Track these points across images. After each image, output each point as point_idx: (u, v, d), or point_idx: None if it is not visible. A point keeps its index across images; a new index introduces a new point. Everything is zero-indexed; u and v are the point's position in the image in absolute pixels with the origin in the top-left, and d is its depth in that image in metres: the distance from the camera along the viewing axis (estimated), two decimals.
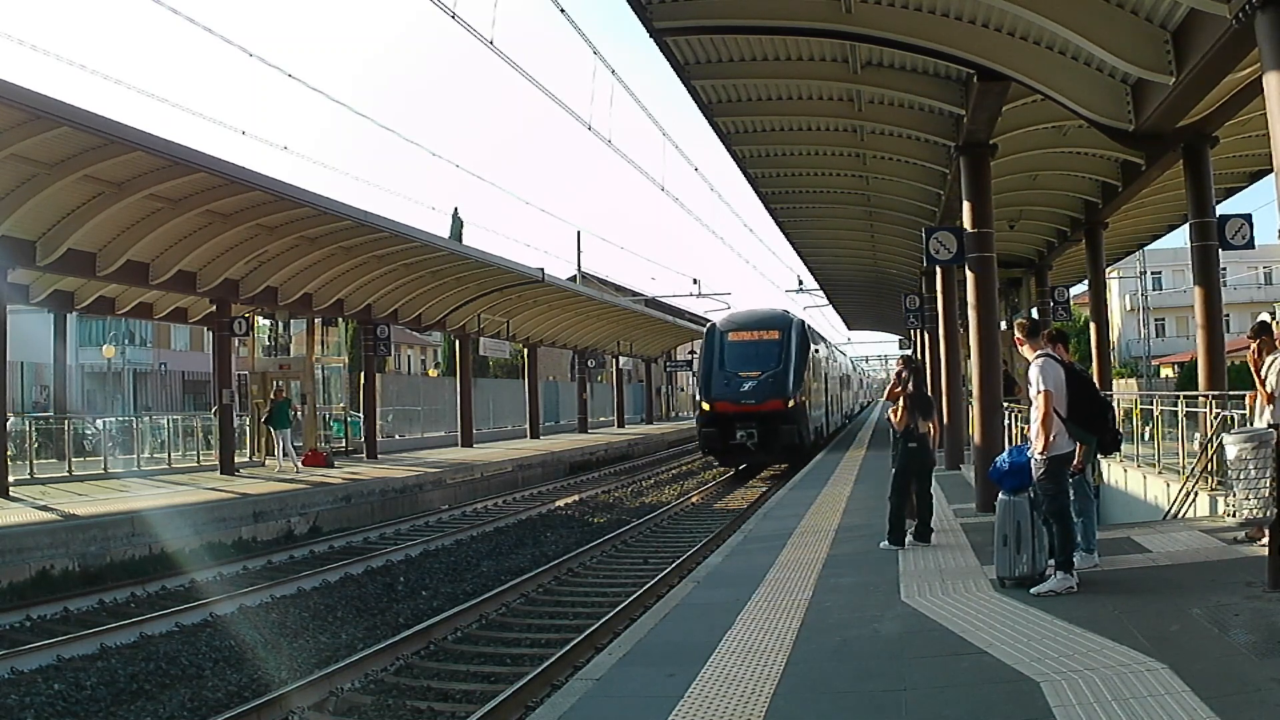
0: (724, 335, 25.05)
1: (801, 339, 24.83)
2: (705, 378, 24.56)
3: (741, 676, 5.50)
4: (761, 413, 22.98)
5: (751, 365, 23.86)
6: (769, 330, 24.91)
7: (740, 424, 23.02)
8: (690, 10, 10.63)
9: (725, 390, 23.62)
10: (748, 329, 25.26)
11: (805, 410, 24.12)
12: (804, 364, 24.44)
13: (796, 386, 23.58)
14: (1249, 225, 13.03)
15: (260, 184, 16.00)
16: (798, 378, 23.79)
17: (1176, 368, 45.62)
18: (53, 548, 12.25)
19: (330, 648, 9.16)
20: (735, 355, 24.38)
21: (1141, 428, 13.34)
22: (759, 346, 24.45)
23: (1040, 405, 6.82)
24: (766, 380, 23.49)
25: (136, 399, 38.95)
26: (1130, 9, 8.79)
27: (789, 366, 23.79)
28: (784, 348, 24.20)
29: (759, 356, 24.09)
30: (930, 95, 12.49)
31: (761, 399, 23.13)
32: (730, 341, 24.77)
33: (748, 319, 26.23)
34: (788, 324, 25.26)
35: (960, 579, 7.76)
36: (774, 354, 24.10)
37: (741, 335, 25.02)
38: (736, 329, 25.37)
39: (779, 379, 23.53)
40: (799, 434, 23.41)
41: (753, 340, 24.69)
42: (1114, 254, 26.52)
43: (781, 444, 23.21)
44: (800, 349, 24.42)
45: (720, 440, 23.68)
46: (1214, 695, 4.42)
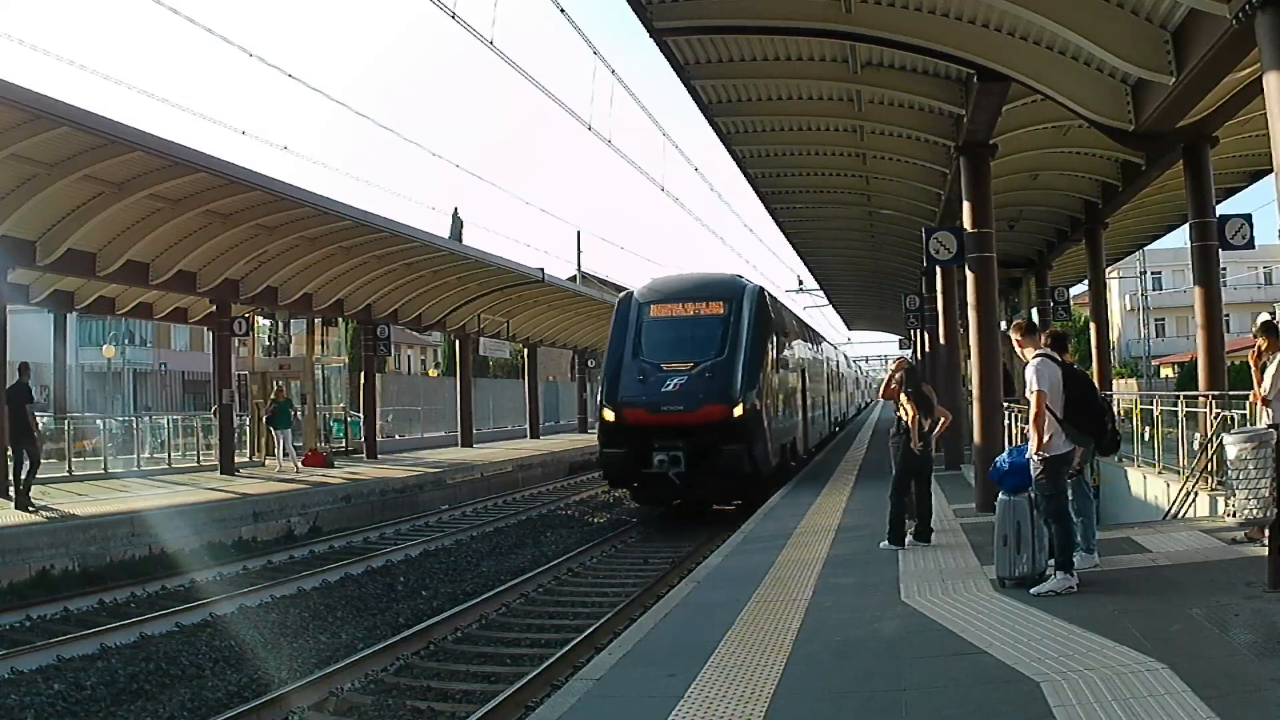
0: (642, 309, 17.07)
1: (760, 316, 16.86)
2: (611, 371, 16.62)
3: (741, 677, 5.50)
4: (693, 425, 15.34)
5: (681, 353, 16.19)
6: (708, 302, 16.95)
7: (660, 442, 15.33)
8: (690, 10, 10.63)
9: (639, 391, 15.86)
10: (677, 299, 17.22)
11: (764, 421, 16.29)
12: (762, 352, 16.63)
13: (750, 385, 15.88)
14: (1249, 225, 13.03)
15: (260, 184, 16.00)
16: (751, 372, 16.03)
17: (1176, 368, 45.63)
18: (53, 548, 12.25)
19: (330, 648, 9.16)
20: (657, 339, 16.64)
21: (1141, 428, 13.34)
22: (693, 326, 16.68)
23: (1033, 405, 6.85)
24: (702, 376, 15.81)
25: (136, 399, 38.98)
26: (1130, 9, 8.79)
27: (738, 355, 16.01)
28: (731, 327, 16.33)
29: (693, 341, 16.40)
30: (930, 95, 12.50)
31: (693, 404, 15.49)
32: (651, 319, 16.88)
33: (677, 285, 17.94)
34: (737, 292, 17.05)
35: (960, 579, 7.76)
36: (715, 336, 16.30)
37: (668, 309, 17.07)
38: (661, 300, 17.28)
39: (722, 374, 15.81)
40: (752, 457, 15.67)
41: (684, 317, 16.84)
42: (1114, 254, 26.53)
43: (724, 473, 15.62)
44: (757, 330, 16.58)
45: (628, 466, 15.89)
46: (1214, 695, 4.42)
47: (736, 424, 15.52)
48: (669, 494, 16.45)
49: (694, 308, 16.93)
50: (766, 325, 17.17)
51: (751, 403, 15.78)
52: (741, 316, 16.53)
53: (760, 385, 16.20)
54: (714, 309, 16.76)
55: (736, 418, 15.51)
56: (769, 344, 17.19)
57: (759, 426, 16.02)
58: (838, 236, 25.61)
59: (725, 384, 15.73)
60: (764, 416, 16.28)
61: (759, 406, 16.05)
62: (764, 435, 16.24)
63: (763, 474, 16.14)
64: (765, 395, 16.53)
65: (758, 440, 15.94)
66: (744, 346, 16.16)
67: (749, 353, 16.17)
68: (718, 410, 15.49)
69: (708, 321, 16.63)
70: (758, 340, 16.53)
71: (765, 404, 16.49)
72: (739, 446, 15.48)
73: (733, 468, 15.50)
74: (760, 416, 16.06)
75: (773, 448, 16.84)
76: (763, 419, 16.23)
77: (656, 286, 17.90)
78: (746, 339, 16.26)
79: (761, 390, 16.26)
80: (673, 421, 15.39)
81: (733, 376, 15.79)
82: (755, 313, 16.71)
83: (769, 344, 17.19)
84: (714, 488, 16.35)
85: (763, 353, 16.67)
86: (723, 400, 15.56)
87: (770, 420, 16.84)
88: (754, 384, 16.00)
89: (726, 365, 15.93)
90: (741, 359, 16.01)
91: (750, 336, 16.33)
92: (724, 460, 15.34)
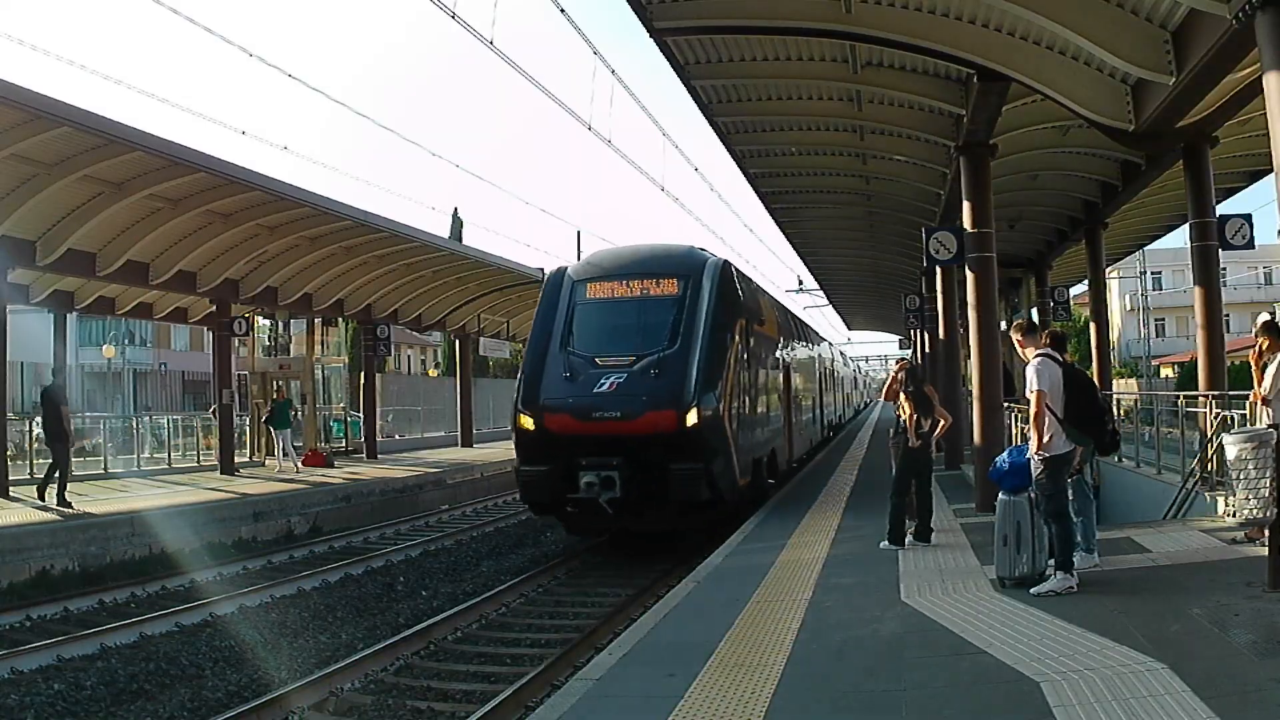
0: (576, 289, 13.69)
1: (724, 298, 13.38)
2: (532, 367, 13.17)
3: (742, 676, 5.50)
4: (633, 437, 12.13)
5: (621, 345, 12.93)
6: (658, 279, 13.47)
7: (590, 458, 12.07)
8: (690, 10, 10.64)
9: (566, 392, 12.58)
10: (618, 276, 13.73)
11: (728, 431, 12.82)
12: (727, 343, 13.20)
13: (709, 385, 12.51)
14: (1249, 225, 13.04)
15: (260, 184, 16.01)
16: (711, 368, 12.63)
17: (1176, 368, 45.64)
18: (53, 548, 12.25)
19: (330, 648, 9.16)
20: (592, 326, 13.34)
21: (1142, 428, 13.35)
22: (639, 310, 13.29)
23: (1033, 404, 6.86)
24: (647, 373, 12.44)
25: (136, 399, 39.00)
26: (1130, 9, 8.79)
27: (694, 347, 12.63)
28: (686, 312, 12.96)
29: (637, 329, 13.08)
30: (930, 95, 12.50)
31: (634, 409, 12.21)
32: (586, 302, 13.53)
33: (620, 259, 14.43)
34: (695, 268, 13.53)
35: (960, 579, 7.76)
36: (665, 323, 12.93)
37: (607, 289, 13.63)
38: (599, 276, 13.86)
39: (672, 370, 12.44)
40: (710, 478, 12.23)
41: (627, 299, 13.41)
42: (1114, 254, 26.53)
43: (674, 499, 12.16)
44: (721, 315, 13.14)
45: (551, 488, 12.39)
46: (1214, 695, 4.42)
47: (690, 435, 12.08)
48: (604, 523, 12.87)
49: (640, 287, 13.39)
50: (734, 310, 13.63)
51: (711, 407, 12.34)
52: (701, 298, 13.01)
53: (724, 385, 12.75)
54: (665, 288, 13.26)
55: (690, 427, 12.06)
56: (737, 333, 13.60)
57: (720, 438, 12.51)
58: (838, 236, 25.61)
59: (676, 383, 12.27)
60: (728, 425, 12.76)
61: (721, 412, 12.56)
62: (728, 449, 12.62)
63: (725, 499, 12.54)
64: (731, 398, 12.97)
65: (718, 456, 12.38)
66: (702, 336, 12.65)
67: (709, 344, 12.65)
68: (665, 417, 12.10)
69: (657, 304, 13.15)
70: (721, 328, 13.03)
71: (731, 409, 12.93)
72: (693, 465, 12.01)
73: (685, 492, 12.02)
74: (722, 425, 12.57)
75: (740, 464, 13.01)
76: (726, 428, 12.67)
77: (595, 261, 14.50)
78: (706, 326, 12.73)
79: (725, 391, 12.76)
80: (607, 431, 12.14)
81: (686, 374, 12.34)
82: (718, 294, 13.16)
83: (737, 333, 13.60)
84: (661, 518, 12.59)
85: (727, 344, 13.14)
86: (672, 404, 12.13)
87: (737, 429, 13.18)
88: (715, 383, 12.55)
89: (679, 360, 12.46)
90: (699, 352, 12.52)
91: (711, 323, 12.81)
92: (674, 482, 11.93)
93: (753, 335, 14.85)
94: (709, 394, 12.43)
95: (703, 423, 12.21)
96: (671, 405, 12.17)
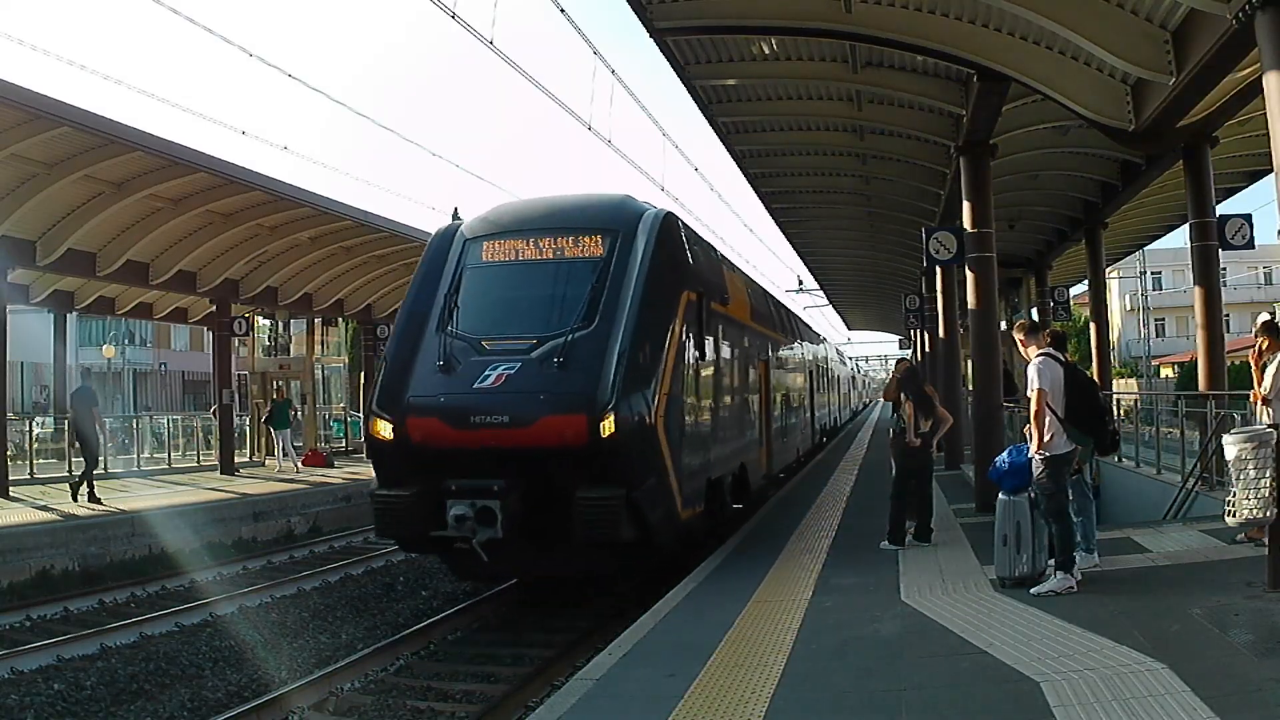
0: (468, 250, 10.26)
1: (667, 262, 9.97)
2: (397, 354, 9.83)
3: (741, 676, 5.50)
4: (527, 452, 8.91)
5: (519, 324, 9.64)
6: (577, 236, 10.06)
7: (464, 480, 8.90)
8: (690, 10, 10.64)
9: (437, 387, 9.33)
10: (524, 233, 10.20)
11: (664, 444, 9.23)
12: (668, 321, 9.69)
13: (640, 380, 9.12)
14: (1249, 225, 13.05)
15: (260, 184, 16.02)
16: (642, 357, 9.24)
17: (1176, 368, 45.63)
18: (53, 548, 12.25)
19: (330, 648, 9.16)
20: (484, 299, 9.99)
21: (1142, 428, 13.36)
22: (548, 279, 9.91)
23: (1034, 402, 6.88)
24: (548, 363, 9.12)
25: (136, 399, 39.02)
26: (1130, 9, 8.80)
27: (617, 327, 9.28)
28: (612, 280, 9.60)
29: (544, 303, 9.74)
30: (930, 95, 12.51)
31: (527, 412, 8.93)
32: (480, 267, 10.11)
33: (528, 212, 10.80)
34: (628, 222, 10.07)
35: (960, 579, 7.76)
36: (581, 295, 9.56)
37: (508, 249, 10.18)
38: (498, 233, 10.33)
39: (585, 358, 9.14)
40: (637, 511, 8.81)
41: (534, 263, 10.03)
42: (1114, 254, 26.55)
43: (586, 538, 8.71)
44: (660, 284, 9.72)
45: (416, 519, 9.11)
46: (1214, 695, 4.42)
47: (606, 449, 8.59)
48: (479, 568, 9.56)
49: (552, 247, 9.82)
50: (680, 279, 10.01)
51: (638, 410, 8.78)
52: (633, 262, 9.48)
53: (660, 380, 9.10)
54: (586, 248, 9.74)
55: (606, 438, 8.55)
56: (684, 311, 9.85)
57: (651, 453, 8.91)
58: (838, 236, 25.62)
59: (588, 376, 8.79)
60: (663, 435, 9.02)
61: (654, 417, 8.90)
62: (662, 468, 8.99)
63: (659, 538, 9.03)
64: (671, 397, 9.27)
65: (647, 477, 8.82)
66: (631, 312, 9.14)
67: (641, 323, 9.11)
68: (571, 424, 8.64)
69: (573, 269, 9.65)
70: (660, 303, 9.47)
71: (670, 413, 9.22)
72: (608, 492, 8.48)
73: (595, 530, 8.46)
74: (654, 436, 8.91)
75: (684, 488, 9.45)
76: (660, 440, 8.97)
77: (497, 214, 10.56)
78: (637, 299, 9.22)
79: (662, 388, 9.11)
80: (489, 443, 8.72)
81: (604, 363, 8.84)
82: (657, 256, 9.56)
83: (684, 311, 9.85)
84: (563, 564, 9.35)
85: (668, 324, 9.48)
86: (581, 405, 8.64)
87: (680, 441, 9.51)
88: (647, 378, 8.99)
89: (595, 344, 8.99)
90: (624, 333, 9.00)
91: (645, 295, 9.27)
92: (579, 516, 8.41)
93: (712, 317, 11.03)
94: (636, 392, 8.84)
95: (625, 431, 8.61)
96: (580, 407, 8.63)
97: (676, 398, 9.54)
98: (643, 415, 8.92)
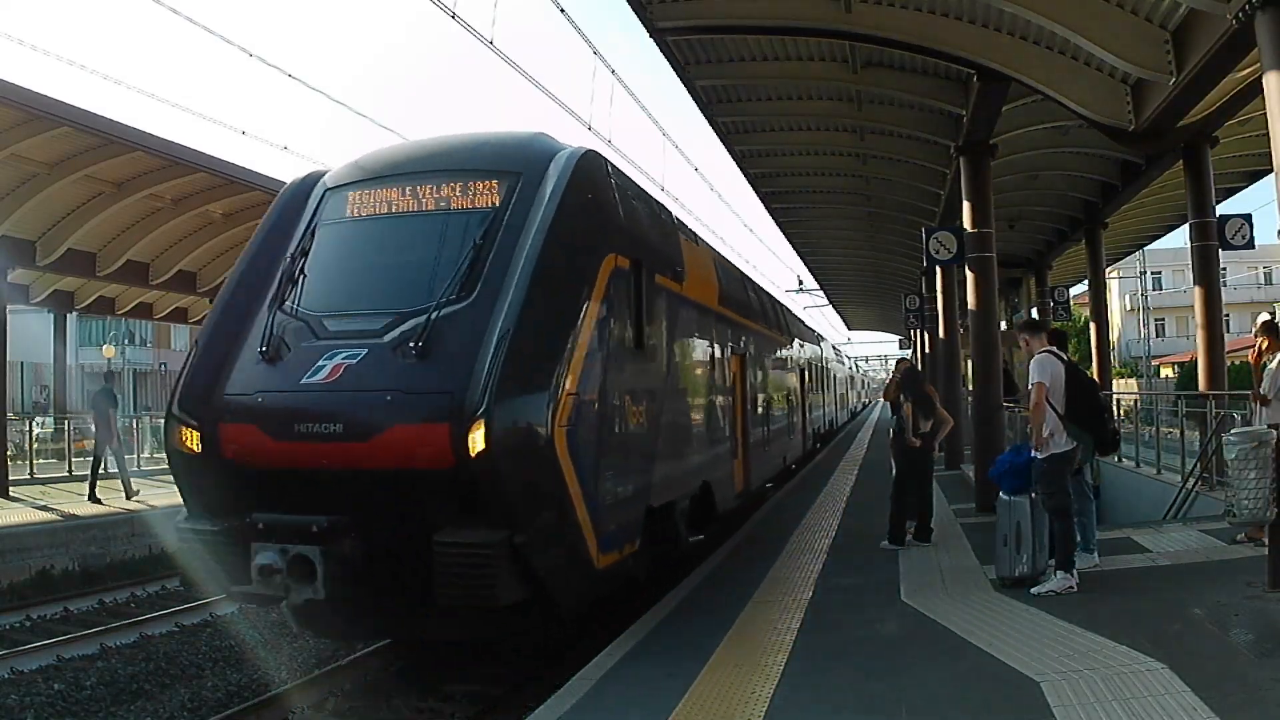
0: (329, 203, 7.65)
1: (582, 215, 7.17)
2: (210, 339, 7.14)
3: (741, 676, 5.49)
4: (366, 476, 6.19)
5: (374, 297, 6.94)
6: (465, 182, 7.18)
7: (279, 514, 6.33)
8: (690, 10, 10.65)
9: (257, 382, 6.71)
10: (398, 179, 7.42)
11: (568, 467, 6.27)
12: (579, 294, 6.81)
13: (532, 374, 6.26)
14: (1249, 225, 13.06)
15: (260, 184, 16.02)
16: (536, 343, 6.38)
17: (1176, 368, 45.64)
18: (53, 548, 12.26)
19: (330, 647, 9.14)
20: (334, 264, 7.32)
21: (1142, 428, 13.36)
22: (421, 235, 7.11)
23: (1034, 396, 6.91)
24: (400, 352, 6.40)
25: (136, 399, 38.98)
26: (1130, 9, 8.80)
27: (504, 301, 6.43)
28: (503, 236, 6.80)
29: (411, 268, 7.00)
30: (930, 95, 12.51)
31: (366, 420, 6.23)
32: (338, 223, 7.49)
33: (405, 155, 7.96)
34: (534, 162, 7.25)
35: (960, 579, 7.76)
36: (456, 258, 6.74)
37: (377, 200, 7.38)
38: (367, 181, 7.56)
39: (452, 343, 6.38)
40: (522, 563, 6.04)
41: (408, 217, 7.22)
42: (1114, 254, 26.56)
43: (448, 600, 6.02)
44: (568, 244, 6.87)
45: (228, 560, 6.47)
46: (1214, 695, 4.42)
47: (480, 473, 6.07)
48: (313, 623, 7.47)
49: (434, 196, 7.24)
50: (601, 238, 7.38)
51: (527, 417, 6.24)
52: (534, 215, 6.94)
53: (563, 374, 6.48)
54: (477, 197, 7.16)
55: (478, 457, 6.04)
56: (605, 280, 7.20)
57: (548, 478, 6.31)
58: (838, 236, 25.63)
59: (456, 369, 6.32)
60: (570, 451, 6.40)
61: (554, 427, 6.28)
62: (566, 499, 6.41)
63: (561, 597, 6.62)
64: (582, 399, 6.65)
65: (541, 511, 6.34)
66: (523, 279, 6.58)
67: (537, 294, 6.55)
68: (427, 436, 6.21)
69: (456, 225, 7.06)
70: (568, 268, 6.93)
71: (580, 421, 6.61)
72: (478, 537, 6.08)
73: (460, 590, 6.10)
74: (553, 453, 6.26)
75: (605, 525, 6.88)
76: (562, 459, 6.33)
77: (367, 160, 8.02)
78: (533, 262, 6.66)
79: (565, 386, 6.47)
80: (315, 461, 6.37)
81: (479, 350, 6.33)
82: (567, 206, 7.00)
83: (605, 280, 7.20)
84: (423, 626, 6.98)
85: (579, 297, 6.89)
86: (441, 411, 6.18)
87: (599, 458, 6.92)
88: (544, 371, 6.43)
89: (470, 324, 6.50)
90: (509, 309, 6.47)
91: (545, 257, 6.70)
92: (439, 570, 6.04)
93: (656, 294, 8.25)
94: (524, 391, 6.21)
95: (504, 447, 6.00)
96: (440, 412, 6.10)
97: (589, 400, 6.65)
98: (532, 424, 6.09)
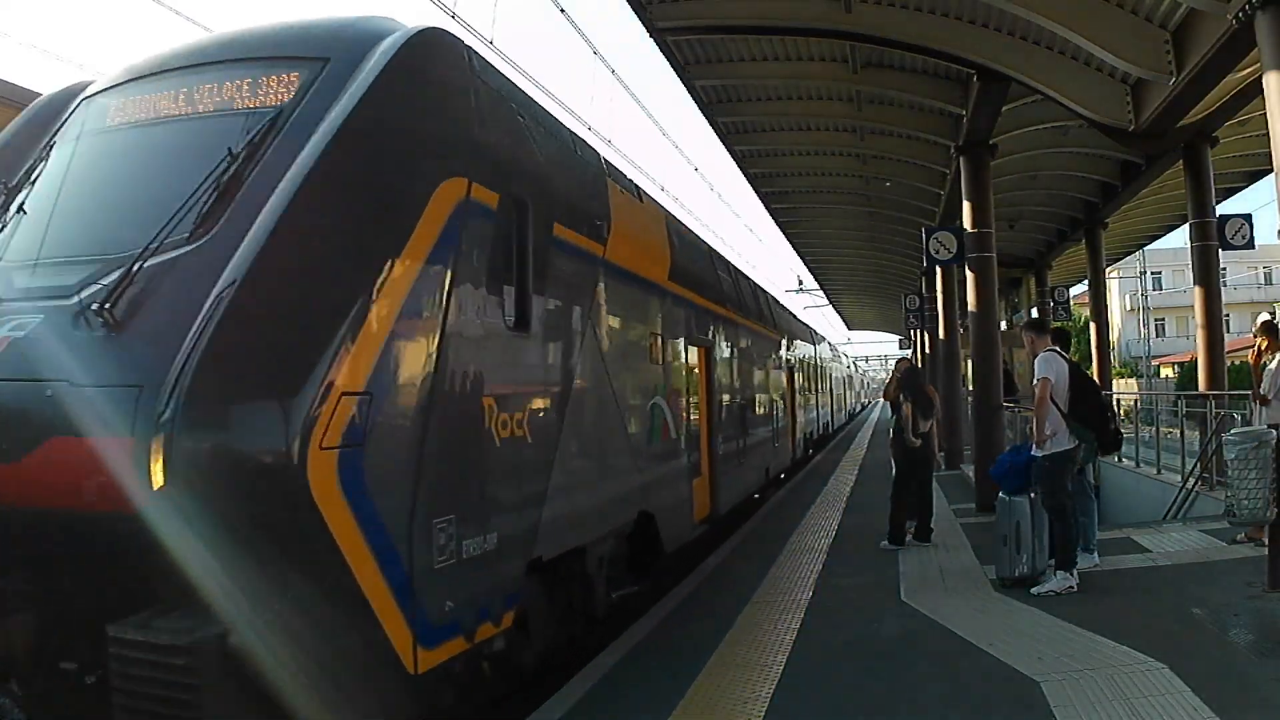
0: (85, 112, 5.16)
1: (404, 116, 4.40)
2: None
3: (742, 676, 5.49)
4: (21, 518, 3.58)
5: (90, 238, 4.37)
6: (260, 77, 4.58)
7: None
8: (690, 10, 10.65)
9: None
10: (174, 75, 4.84)
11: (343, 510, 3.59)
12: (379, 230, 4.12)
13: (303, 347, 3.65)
14: (1249, 225, 13.06)
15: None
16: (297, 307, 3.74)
17: (1176, 368, 45.66)
18: None
19: None
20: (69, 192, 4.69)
21: (1142, 428, 13.37)
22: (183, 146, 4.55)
23: (1037, 392, 6.92)
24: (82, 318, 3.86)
25: None
26: (1130, 9, 8.81)
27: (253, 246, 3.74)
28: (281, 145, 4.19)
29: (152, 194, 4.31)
30: (930, 95, 12.52)
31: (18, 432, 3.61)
32: (87, 136, 4.97)
33: (192, 49, 5.17)
34: (351, 48, 4.59)
35: (960, 579, 7.76)
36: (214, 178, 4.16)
37: (145, 105, 4.80)
38: (135, 80, 5.02)
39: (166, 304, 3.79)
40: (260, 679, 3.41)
41: (172, 122, 4.67)
42: (1114, 254, 26.57)
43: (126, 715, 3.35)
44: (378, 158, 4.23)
45: None
46: (1214, 695, 4.42)
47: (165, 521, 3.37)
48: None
49: (215, 96, 4.70)
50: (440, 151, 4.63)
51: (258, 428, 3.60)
52: (329, 114, 4.29)
53: (343, 356, 3.73)
54: (266, 95, 4.58)
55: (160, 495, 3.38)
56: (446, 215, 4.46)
57: (303, 529, 3.55)
58: (838, 236, 25.64)
59: (157, 348, 3.64)
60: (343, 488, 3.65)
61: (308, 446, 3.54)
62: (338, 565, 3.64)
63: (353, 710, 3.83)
64: (385, 400, 3.99)
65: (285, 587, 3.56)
66: (283, 203, 3.93)
67: (304, 226, 3.92)
68: (95, 457, 3.51)
69: (227, 133, 4.41)
70: (366, 191, 4.22)
71: (377, 436, 3.90)
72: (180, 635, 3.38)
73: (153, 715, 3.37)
74: (303, 491, 3.51)
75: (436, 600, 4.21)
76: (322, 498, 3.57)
77: (143, 59, 5.35)
78: (303, 179, 4.01)
79: (342, 376, 3.70)
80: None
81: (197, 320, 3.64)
82: (377, 102, 4.34)
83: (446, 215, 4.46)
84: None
85: (389, 235, 4.17)
86: (122, 415, 3.53)
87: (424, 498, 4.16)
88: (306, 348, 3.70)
89: (197, 278, 3.82)
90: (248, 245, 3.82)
91: (326, 171, 4.07)
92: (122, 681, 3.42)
93: (555, 250, 5.87)
94: (258, 386, 3.72)
95: (205, 478, 3.51)
96: (119, 419, 3.59)
97: (400, 403, 4.23)
98: (263, 442, 3.64)
